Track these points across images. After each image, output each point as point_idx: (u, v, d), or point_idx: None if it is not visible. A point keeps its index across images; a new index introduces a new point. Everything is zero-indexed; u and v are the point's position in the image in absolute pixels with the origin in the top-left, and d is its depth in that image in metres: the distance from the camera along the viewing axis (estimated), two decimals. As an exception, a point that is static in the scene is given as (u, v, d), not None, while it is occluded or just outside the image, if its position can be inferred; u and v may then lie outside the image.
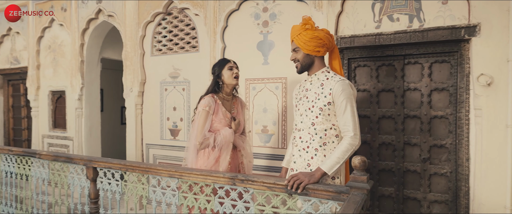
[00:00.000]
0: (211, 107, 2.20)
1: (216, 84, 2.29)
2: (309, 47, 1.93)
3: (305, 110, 1.98)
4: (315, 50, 1.93)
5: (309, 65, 1.99)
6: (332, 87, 1.86)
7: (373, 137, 2.80)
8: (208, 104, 2.20)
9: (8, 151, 3.50)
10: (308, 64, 1.98)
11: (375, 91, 2.79)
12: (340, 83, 1.85)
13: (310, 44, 1.92)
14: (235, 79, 2.28)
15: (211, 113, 2.20)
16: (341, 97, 1.84)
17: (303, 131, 1.99)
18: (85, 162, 2.84)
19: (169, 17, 3.77)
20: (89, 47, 4.51)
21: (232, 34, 3.35)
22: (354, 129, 1.83)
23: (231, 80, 2.27)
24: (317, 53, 1.94)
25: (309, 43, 1.92)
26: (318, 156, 1.92)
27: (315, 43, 1.92)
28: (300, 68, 2.01)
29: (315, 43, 1.92)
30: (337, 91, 1.84)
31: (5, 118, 5.72)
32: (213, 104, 2.21)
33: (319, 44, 1.92)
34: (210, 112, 2.19)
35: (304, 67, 2.00)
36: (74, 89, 4.54)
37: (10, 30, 5.37)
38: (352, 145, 1.83)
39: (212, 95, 2.27)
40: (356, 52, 2.82)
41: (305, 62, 1.98)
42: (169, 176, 2.38)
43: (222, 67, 2.27)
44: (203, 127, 2.20)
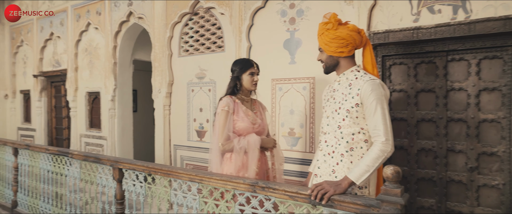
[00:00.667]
0: (230, 106, 2.10)
1: (235, 86, 2.18)
2: (330, 49, 1.77)
3: (331, 112, 1.82)
4: (337, 51, 1.76)
5: (334, 66, 1.84)
6: (360, 87, 1.68)
7: (411, 142, 2.54)
8: (226, 104, 2.10)
9: (45, 150, 3.66)
10: (332, 65, 1.83)
11: (413, 91, 2.52)
12: (370, 83, 1.66)
13: (331, 45, 1.76)
14: (254, 86, 2.17)
15: (230, 112, 2.10)
16: (370, 97, 1.65)
17: (329, 135, 1.83)
18: (111, 162, 2.87)
19: (195, 17, 3.73)
20: (121, 49, 4.62)
21: (258, 33, 3.23)
22: (386, 134, 1.63)
23: (250, 86, 2.17)
24: (340, 54, 1.77)
25: (330, 44, 1.76)
26: (344, 162, 1.75)
27: (337, 44, 1.75)
28: (325, 69, 1.87)
29: (336, 44, 1.75)
30: (366, 91, 1.66)
31: (48, 117, 6.07)
32: (232, 103, 2.12)
33: (341, 44, 1.75)
34: (229, 112, 2.09)
35: (329, 68, 1.85)
36: (107, 90, 4.68)
37: (52, 34, 5.68)
38: (384, 151, 1.63)
39: (230, 96, 2.17)
40: (391, 48, 2.57)
41: (329, 64, 1.83)
42: (189, 180, 2.31)
43: (244, 71, 2.16)
44: (224, 127, 2.11)
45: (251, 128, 2.13)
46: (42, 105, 6.02)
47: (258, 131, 2.19)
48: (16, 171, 4.17)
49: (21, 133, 6.58)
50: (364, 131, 1.73)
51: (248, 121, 2.13)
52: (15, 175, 4.18)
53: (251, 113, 2.17)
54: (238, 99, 2.17)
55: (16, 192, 4.21)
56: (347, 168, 1.75)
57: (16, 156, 4.16)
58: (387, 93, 1.71)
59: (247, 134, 2.14)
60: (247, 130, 2.12)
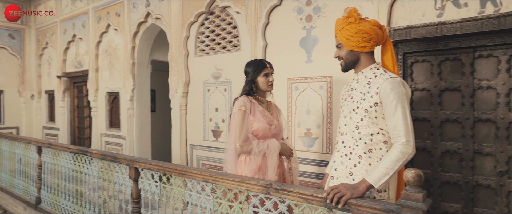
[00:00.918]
0: (247, 106, 2.04)
1: (250, 89, 2.13)
2: (352, 43, 1.69)
3: (349, 112, 1.74)
4: (360, 46, 1.68)
5: (354, 63, 1.75)
6: (379, 86, 1.60)
7: (434, 143, 2.41)
8: (243, 104, 2.05)
9: (66, 148, 3.75)
10: (352, 62, 1.75)
11: (436, 90, 2.39)
12: (390, 81, 1.58)
13: (353, 39, 1.68)
14: (270, 86, 2.11)
15: (247, 112, 2.05)
16: (390, 96, 1.56)
17: (346, 135, 1.75)
18: (128, 162, 2.89)
19: (211, 16, 3.72)
20: (139, 50, 4.68)
21: (274, 31, 3.17)
22: (406, 135, 1.54)
23: (266, 87, 2.10)
24: (362, 49, 1.69)
25: (352, 39, 1.68)
26: (361, 164, 1.67)
27: (359, 38, 1.67)
28: (344, 66, 1.79)
29: (359, 38, 1.67)
30: (385, 89, 1.57)
31: (71, 117, 6.25)
32: (248, 103, 2.06)
33: (364, 38, 1.67)
34: (247, 112, 2.04)
35: (348, 65, 1.76)
36: (126, 90, 4.75)
37: (74, 36, 5.84)
38: (404, 153, 1.53)
39: (246, 96, 2.12)
40: (413, 45, 2.45)
41: (349, 60, 1.75)
42: (203, 180, 2.29)
43: (258, 73, 2.10)
44: (242, 127, 2.05)
45: (268, 129, 2.07)
46: (65, 105, 6.21)
47: (274, 133, 2.13)
48: (40, 168, 4.30)
49: (46, 132, 6.81)
50: (383, 131, 1.65)
51: (265, 122, 2.07)
52: (39, 172, 4.31)
53: (268, 114, 2.12)
54: (254, 99, 2.12)
55: (40, 189, 4.34)
56: (365, 171, 1.67)
57: (39, 154, 4.29)
58: (408, 91, 1.62)
59: (263, 135, 2.08)
60: (264, 131, 2.07)
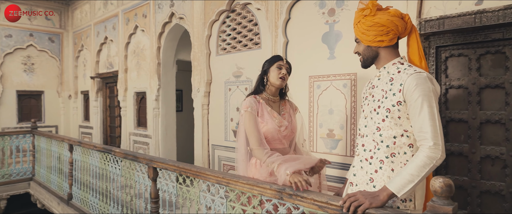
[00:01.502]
0: (253, 107, 1.93)
1: (262, 81, 2.01)
2: (368, 38, 1.53)
3: (370, 112, 1.58)
4: (376, 40, 1.52)
5: (373, 58, 1.59)
6: (403, 82, 1.42)
7: (473, 148, 2.14)
8: (249, 105, 1.94)
9: (93, 147, 3.86)
10: (371, 58, 1.59)
11: (475, 87, 2.13)
12: (415, 76, 1.40)
13: (369, 33, 1.52)
14: (280, 80, 1.96)
15: (254, 114, 1.93)
16: (415, 94, 1.38)
17: (366, 138, 1.59)
18: (147, 161, 2.89)
19: (232, 14, 3.64)
20: (165, 50, 4.73)
21: (295, 27, 3.02)
22: (434, 137, 1.35)
23: (276, 80, 1.96)
24: (379, 43, 1.53)
25: (368, 33, 1.53)
26: (383, 170, 1.50)
27: (376, 32, 1.51)
28: (363, 62, 1.64)
29: (375, 32, 1.51)
30: (409, 86, 1.39)
31: (103, 116, 6.49)
32: (255, 104, 1.94)
33: (380, 32, 1.50)
34: (253, 113, 1.92)
35: (367, 61, 1.61)
36: (152, 90, 4.82)
37: (106, 38, 6.05)
38: (432, 158, 1.35)
39: (253, 96, 2.00)
40: (448, 38, 2.20)
41: (367, 56, 1.59)
42: (216, 182, 2.21)
43: (272, 64, 1.98)
44: (255, 130, 1.92)
45: (276, 131, 1.94)
46: (98, 104, 6.45)
47: (285, 135, 1.99)
48: (71, 166, 4.47)
49: (81, 131, 7.14)
50: (408, 133, 1.46)
51: (273, 124, 1.94)
52: (70, 169, 4.49)
53: (276, 115, 1.98)
54: (263, 98, 2.00)
55: (71, 185, 4.52)
56: (387, 177, 1.50)
57: (71, 152, 4.47)
58: (436, 88, 1.43)
59: (272, 137, 1.95)
60: (272, 134, 1.94)
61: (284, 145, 2.02)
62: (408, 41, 1.58)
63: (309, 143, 2.91)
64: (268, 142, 1.98)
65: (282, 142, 2.01)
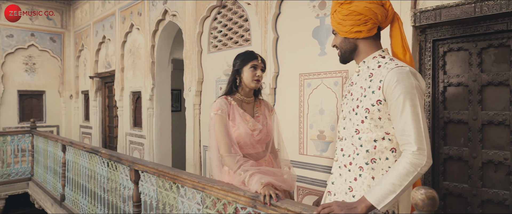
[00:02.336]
0: (223, 110, 1.76)
1: (234, 82, 1.85)
2: (345, 28, 1.36)
3: (348, 112, 1.41)
4: (353, 31, 1.35)
5: (351, 52, 1.42)
6: (382, 78, 1.25)
7: (474, 152, 1.93)
8: (219, 107, 1.77)
9: (83, 147, 3.76)
10: (349, 51, 1.42)
11: (476, 85, 1.92)
12: (395, 71, 1.22)
13: (345, 24, 1.35)
14: (255, 82, 1.79)
15: (225, 117, 1.77)
16: (396, 91, 1.20)
17: (345, 141, 1.42)
18: (129, 163, 2.77)
19: (224, 10, 3.49)
20: (159, 48, 4.62)
21: (286, 22, 2.85)
22: (418, 141, 1.18)
23: (250, 82, 1.79)
24: (357, 34, 1.35)
25: (344, 23, 1.36)
26: (363, 178, 1.33)
27: (352, 22, 1.33)
28: (341, 56, 1.46)
29: (352, 22, 1.33)
30: (390, 83, 1.22)
31: (102, 116, 6.43)
32: (226, 106, 1.78)
33: (358, 21, 1.33)
34: (223, 116, 1.76)
35: (345, 55, 1.44)
36: (146, 90, 4.71)
37: (104, 37, 5.98)
38: (416, 165, 1.18)
39: (225, 97, 1.84)
40: (446, 30, 1.99)
41: (345, 49, 1.42)
42: (192, 187, 2.07)
43: (245, 63, 1.81)
44: (225, 135, 1.77)
45: (249, 135, 1.78)
46: (97, 104, 6.40)
47: (259, 139, 1.83)
48: (64, 166, 4.40)
49: (82, 131, 7.11)
50: (390, 136, 1.29)
51: (246, 127, 1.77)
52: (63, 170, 4.41)
53: (249, 117, 1.81)
54: (235, 100, 1.83)
55: (64, 186, 4.45)
56: (367, 186, 1.32)
57: (64, 152, 4.39)
58: (421, 84, 1.24)
59: (244, 143, 1.79)
60: (244, 138, 1.78)
61: (258, 149, 1.85)
62: (390, 31, 1.40)
63: (300, 145, 2.73)
64: (240, 147, 1.82)
65: (255, 147, 1.85)
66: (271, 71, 2.90)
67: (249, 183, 1.67)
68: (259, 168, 1.76)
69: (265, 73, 2.95)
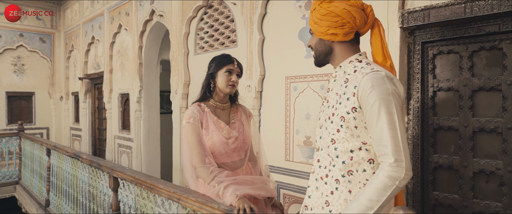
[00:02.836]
0: (195, 118, 1.65)
1: (208, 87, 1.74)
2: (321, 29, 1.27)
3: (324, 120, 1.31)
4: (329, 33, 1.25)
5: (327, 55, 1.32)
6: (357, 84, 1.15)
7: (464, 160, 1.82)
8: (191, 115, 1.66)
9: (65, 152, 3.64)
10: (323, 54, 1.33)
11: (467, 90, 1.81)
12: (370, 76, 1.13)
13: (322, 24, 1.26)
14: (230, 87, 1.69)
15: (198, 125, 1.66)
16: (371, 97, 1.11)
17: (321, 152, 1.32)
18: (108, 170, 2.66)
19: (210, 10, 3.38)
20: (147, 49, 4.50)
21: (272, 23, 2.74)
22: (395, 152, 1.09)
23: (224, 87, 1.69)
24: (332, 37, 1.26)
25: (321, 23, 1.27)
26: (340, 191, 1.23)
27: (329, 22, 1.24)
28: (315, 59, 1.37)
29: (328, 23, 1.24)
30: (364, 89, 1.13)
31: (92, 118, 6.30)
32: (198, 114, 1.67)
33: (334, 23, 1.23)
34: (196, 124, 1.65)
35: (320, 57, 1.35)
36: (134, 92, 4.59)
37: (93, 38, 5.86)
38: (394, 178, 1.08)
39: (198, 104, 1.73)
40: (435, 32, 1.89)
41: (320, 51, 1.33)
42: (168, 197, 1.96)
43: (220, 67, 1.70)
44: (198, 144, 1.66)
45: (223, 144, 1.67)
46: (87, 106, 6.27)
47: (235, 148, 1.72)
48: (49, 170, 4.27)
49: (72, 133, 6.98)
50: (367, 146, 1.19)
51: (220, 136, 1.66)
52: (48, 174, 4.28)
53: (223, 125, 1.70)
54: (209, 106, 1.72)
55: (49, 191, 4.32)
56: (344, 201, 1.23)
57: (49, 156, 4.26)
58: (399, 90, 1.15)
59: (219, 152, 1.69)
60: (219, 148, 1.67)
61: (234, 158, 1.74)
62: (370, 38, 1.32)
63: (286, 152, 2.62)
64: (215, 157, 1.71)
65: (231, 156, 1.74)
66: (257, 74, 2.79)
67: (223, 195, 1.57)
68: (235, 178, 1.66)
69: (251, 76, 2.84)
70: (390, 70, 1.26)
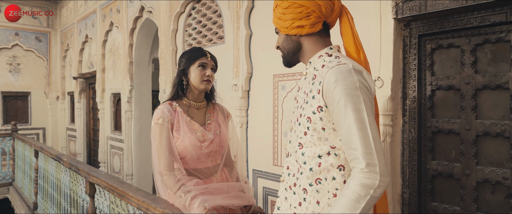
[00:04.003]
0: (165, 118, 1.48)
1: (180, 84, 1.56)
2: (285, 24, 1.11)
3: (294, 123, 1.15)
4: (294, 26, 1.10)
5: (295, 52, 1.16)
6: (322, 79, 1.00)
7: (466, 168, 1.62)
8: (160, 115, 1.49)
9: (49, 154, 3.50)
10: (292, 51, 1.16)
11: (469, 88, 1.60)
12: (334, 70, 0.98)
13: (285, 17, 1.10)
14: (205, 83, 1.52)
15: (167, 126, 1.48)
16: (336, 93, 0.95)
17: (291, 158, 1.16)
18: (85, 174, 2.50)
19: (198, 5, 3.20)
20: (137, 48, 4.35)
21: (260, 17, 2.56)
22: (366, 154, 0.92)
23: (199, 84, 1.51)
24: (299, 30, 1.10)
25: (284, 17, 1.11)
26: (307, 203, 1.07)
27: (293, 15, 1.08)
28: (283, 58, 1.22)
29: (292, 15, 1.09)
30: (328, 84, 0.97)
31: (87, 119, 6.18)
32: (169, 114, 1.49)
33: (299, 14, 1.08)
34: (165, 125, 1.48)
35: (288, 55, 1.19)
36: (124, 92, 4.44)
37: (87, 37, 5.73)
38: (367, 187, 0.91)
39: (169, 103, 1.55)
40: (433, 23, 1.68)
41: (288, 49, 1.17)
42: (137, 206, 1.79)
43: (192, 62, 1.53)
44: (166, 149, 1.48)
45: (196, 148, 1.49)
46: (81, 106, 6.15)
47: (209, 153, 1.54)
48: (37, 172, 4.15)
49: (68, 133, 6.87)
50: (336, 151, 1.03)
51: (192, 139, 1.49)
52: (36, 177, 4.16)
53: (197, 126, 1.53)
54: (182, 106, 1.55)
55: (37, 194, 4.20)
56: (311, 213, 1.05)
57: (37, 158, 4.14)
58: (368, 83, 0.99)
59: (191, 157, 1.51)
60: (191, 152, 1.49)
61: (208, 164, 1.57)
62: (340, 28, 1.15)
63: (274, 155, 2.43)
64: (186, 162, 1.53)
65: (204, 162, 1.56)
66: (244, 72, 2.60)
67: (190, 207, 1.38)
68: (207, 186, 1.48)
69: (238, 75, 2.66)
70: (364, 64, 1.08)
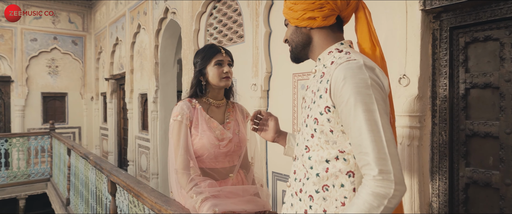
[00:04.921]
0: (184, 115, 1.44)
1: (198, 84, 1.51)
2: (295, 14, 1.01)
3: (301, 124, 1.06)
4: (306, 17, 0.99)
5: (305, 46, 1.06)
6: (329, 77, 0.90)
7: (507, 177, 1.43)
8: (179, 112, 1.45)
9: (79, 152, 3.63)
10: (301, 44, 1.06)
11: (510, 87, 1.42)
12: (343, 67, 0.87)
13: (296, 8, 1.01)
14: (225, 80, 1.46)
15: (186, 123, 1.44)
16: (344, 92, 0.85)
17: (297, 162, 1.06)
18: (107, 173, 2.55)
19: (219, 4, 3.17)
20: (163, 49, 4.41)
21: (279, 14, 2.47)
22: (379, 160, 0.81)
23: (218, 82, 1.46)
24: (310, 22, 0.99)
25: (295, 7, 1.01)
26: (314, 211, 0.98)
27: (304, 5, 0.99)
28: (291, 52, 1.12)
29: (303, 6, 0.99)
30: (337, 82, 0.87)
31: (117, 118, 6.40)
32: (188, 111, 1.45)
33: (311, 5, 0.98)
34: (183, 122, 1.44)
35: (296, 49, 1.08)
36: (150, 92, 4.53)
37: (117, 39, 5.93)
38: (380, 197, 0.80)
39: (188, 100, 1.51)
40: (467, 14, 1.51)
41: (296, 42, 1.07)
42: (150, 207, 1.78)
43: (208, 61, 1.48)
44: (183, 146, 1.45)
45: (214, 147, 1.44)
46: (113, 106, 6.38)
47: (227, 152, 1.48)
48: (69, 169, 4.34)
49: (101, 132, 7.16)
50: (345, 155, 0.92)
51: (211, 137, 1.44)
52: (68, 174, 4.35)
53: (216, 124, 1.48)
54: (201, 103, 1.50)
55: (69, 190, 4.38)
56: None
57: (69, 155, 4.33)
58: (381, 80, 0.88)
59: (208, 155, 1.46)
60: (209, 150, 1.44)
61: (225, 164, 1.51)
62: (355, 25, 1.04)
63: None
64: (202, 161, 1.49)
65: (222, 162, 1.51)
66: (263, 71, 2.53)
67: (200, 209, 1.33)
68: (220, 189, 1.43)
69: (257, 74, 2.59)
70: (380, 61, 0.97)
